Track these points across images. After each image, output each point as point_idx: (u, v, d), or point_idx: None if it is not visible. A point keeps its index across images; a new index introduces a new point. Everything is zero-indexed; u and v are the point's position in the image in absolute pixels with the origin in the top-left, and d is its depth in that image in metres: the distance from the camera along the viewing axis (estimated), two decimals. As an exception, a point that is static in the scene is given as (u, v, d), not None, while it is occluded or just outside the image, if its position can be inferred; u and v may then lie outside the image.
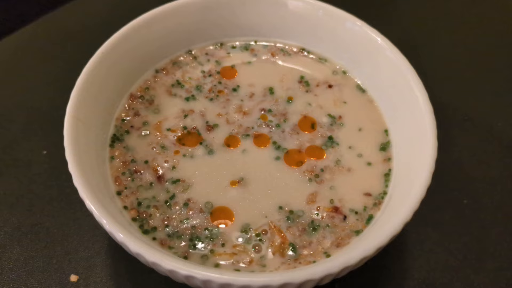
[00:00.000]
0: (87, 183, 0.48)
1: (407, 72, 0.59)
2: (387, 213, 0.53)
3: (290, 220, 0.55)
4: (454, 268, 0.62)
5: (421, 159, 0.53)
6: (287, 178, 0.58)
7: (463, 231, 0.65)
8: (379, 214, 0.55)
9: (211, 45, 0.71)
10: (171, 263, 0.44)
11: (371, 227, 0.54)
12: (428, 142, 0.53)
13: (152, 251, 0.45)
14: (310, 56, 0.71)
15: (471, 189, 0.68)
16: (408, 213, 0.48)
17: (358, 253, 0.45)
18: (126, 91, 0.65)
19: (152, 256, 0.44)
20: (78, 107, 0.54)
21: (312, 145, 0.61)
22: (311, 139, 0.62)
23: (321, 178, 0.58)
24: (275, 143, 0.61)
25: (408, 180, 0.53)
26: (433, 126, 0.54)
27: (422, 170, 0.51)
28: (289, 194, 0.57)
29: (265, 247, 0.53)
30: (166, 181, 0.58)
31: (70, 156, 0.50)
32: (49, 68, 0.82)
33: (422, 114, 0.56)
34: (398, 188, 0.56)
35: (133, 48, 0.63)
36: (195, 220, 0.55)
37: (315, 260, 0.52)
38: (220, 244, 0.53)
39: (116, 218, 0.48)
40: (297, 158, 0.60)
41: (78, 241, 0.63)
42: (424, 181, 0.50)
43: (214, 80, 0.68)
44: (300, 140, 0.62)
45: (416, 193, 0.49)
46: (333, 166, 0.59)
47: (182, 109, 0.64)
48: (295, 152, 0.60)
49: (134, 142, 0.61)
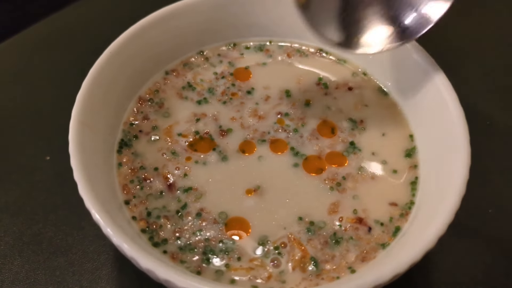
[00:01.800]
0: (93, 192, 0.45)
1: (435, 74, 0.56)
2: (416, 224, 0.50)
3: (311, 232, 0.51)
4: (481, 282, 0.58)
5: (452, 166, 0.49)
6: (306, 187, 0.55)
7: (489, 242, 0.61)
8: (406, 225, 0.52)
9: (223, 45, 0.68)
10: (185, 281, 0.40)
11: (398, 240, 0.50)
12: (461, 148, 0.49)
13: (164, 267, 0.41)
14: (329, 57, 0.67)
15: (496, 198, 0.65)
16: (443, 226, 0.44)
17: (389, 270, 0.41)
18: (134, 93, 0.62)
19: (164, 273, 0.41)
20: (84, 111, 0.51)
21: (332, 151, 0.58)
22: (332, 145, 0.58)
23: (343, 186, 0.55)
24: (293, 149, 0.58)
25: (439, 189, 0.50)
26: (465, 131, 0.51)
27: (455, 178, 0.47)
28: (309, 204, 0.53)
29: (285, 261, 0.50)
30: (177, 190, 0.54)
31: (76, 164, 0.46)
32: (54, 70, 0.79)
33: (452, 119, 0.52)
34: (427, 198, 0.52)
35: (142, 49, 0.60)
36: (209, 232, 0.51)
37: (338, 276, 0.49)
38: (236, 258, 0.50)
39: (124, 230, 0.44)
40: (317, 165, 0.56)
41: (82, 252, 0.60)
42: (458, 190, 0.46)
43: (227, 83, 0.64)
44: (319, 145, 0.58)
45: (450, 203, 0.45)
46: (355, 174, 0.56)
47: (194, 112, 0.61)
48: (314, 158, 0.57)
49: (143, 148, 0.58)
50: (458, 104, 0.53)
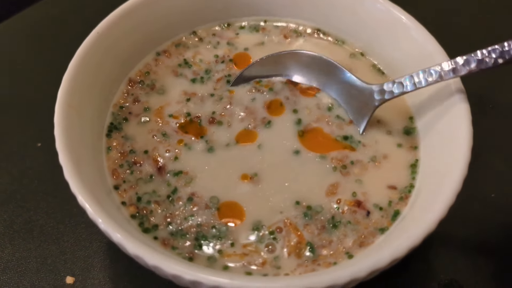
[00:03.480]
0: (80, 176, 0.43)
1: (437, 54, 0.54)
2: (416, 208, 0.48)
3: (308, 217, 0.50)
4: (482, 268, 0.57)
5: (454, 148, 0.47)
6: (309, 164, 0.53)
7: (491, 227, 0.60)
8: (406, 209, 0.50)
9: (216, 25, 0.66)
10: (174, 267, 0.39)
11: (397, 224, 0.49)
12: (462, 130, 0.48)
13: (153, 253, 0.39)
14: (327, 38, 0.65)
15: (498, 182, 0.63)
16: (443, 209, 0.43)
17: (387, 255, 0.40)
18: (124, 75, 0.60)
19: (152, 258, 0.39)
20: (71, 93, 0.49)
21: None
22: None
23: (347, 170, 0.53)
24: (295, 111, 0.57)
25: (439, 171, 0.48)
26: (467, 112, 0.49)
27: (456, 160, 0.46)
28: (308, 185, 0.52)
29: (280, 247, 0.48)
30: (167, 173, 0.52)
31: (61, 147, 0.45)
32: (43, 55, 0.77)
33: (454, 100, 0.50)
34: (427, 181, 0.50)
35: (132, 29, 0.58)
36: (201, 217, 0.50)
37: (335, 262, 0.47)
38: (229, 243, 0.48)
39: (112, 216, 0.43)
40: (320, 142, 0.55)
41: (74, 240, 0.58)
42: (460, 172, 0.45)
43: (225, 70, 0.62)
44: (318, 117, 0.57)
45: (451, 186, 0.44)
46: (362, 159, 0.54)
47: (185, 91, 0.60)
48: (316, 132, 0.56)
49: (133, 130, 0.56)
50: (461, 85, 0.51)
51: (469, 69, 0.48)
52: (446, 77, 0.49)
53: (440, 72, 0.49)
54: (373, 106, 0.54)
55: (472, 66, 0.47)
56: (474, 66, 0.47)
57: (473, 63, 0.47)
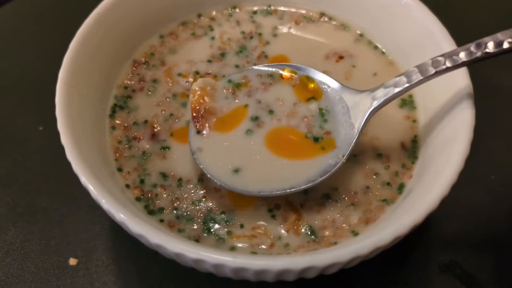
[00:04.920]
0: (82, 157, 0.43)
1: (438, 33, 0.53)
2: (420, 184, 0.48)
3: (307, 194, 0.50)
4: (482, 249, 0.57)
5: (455, 126, 0.47)
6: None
7: (491, 209, 0.60)
8: (411, 182, 0.51)
9: (224, 9, 0.65)
10: (178, 245, 0.39)
11: (404, 198, 0.49)
12: (464, 109, 0.48)
13: (156, 232, 0.39)
14: (332, 23, 0.64)
15: (498, 164, 0.63)
16: (445, 187, 0.42)
17: (390, 232, 0.40)
18: (127, 57, 0.59)
19: (155, 237, 0.39)
20: (72, 73, 0.49)
21: None
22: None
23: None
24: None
25: (442, 147, 0.48)
26: (469, 90, 0.49)
27: (458, 139, 0.46)
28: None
29: (279, 225, 0.48)
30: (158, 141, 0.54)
31: (63, 127, 0.45)
32: (44, 38, 0.77)
33: (455, 78, 0.50)
34: (430, 155, 0.50)
35: (133, 10, 0.58)
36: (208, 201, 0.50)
37: (336, 242, 0.47)
38: (238, 225, 0.48)
39: (116, 196, 0.42)
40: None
41: (77, 222, 0.58)
42: (462, 150, 0.44)
43: (259, 46, 0.62)
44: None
45: (453, 164, 0.44)
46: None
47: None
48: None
49: (140, 102, 0.57)
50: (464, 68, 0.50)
51: (473, 57, 0.46)
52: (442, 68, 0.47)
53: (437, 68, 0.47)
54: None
55: (477, 55, 0.46)
56: (479, 54, 0.46)
57: (479, 51, 0.46)
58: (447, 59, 0.46)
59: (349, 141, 0.49)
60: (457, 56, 0.46)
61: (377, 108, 0.49)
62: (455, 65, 0.46)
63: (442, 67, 0.46)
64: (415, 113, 0.56)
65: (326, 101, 0.52)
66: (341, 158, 0.49)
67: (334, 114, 0.52)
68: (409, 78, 0.48)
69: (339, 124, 0.51)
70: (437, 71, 0.47)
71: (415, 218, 0.40)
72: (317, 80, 0.53)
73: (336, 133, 0.51)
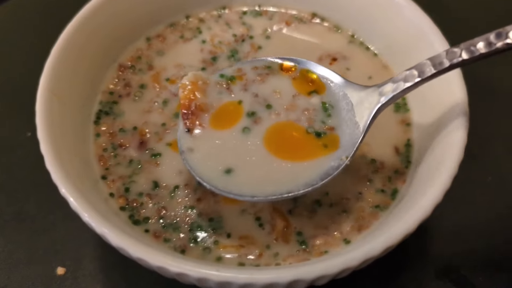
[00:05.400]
0: (62, 166, 0.42)
1: (431, 33, 0.52)
2: (414, 190, 0.46)
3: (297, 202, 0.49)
4: (478, 252, 0.56)
5: (449, 129, 0.46)
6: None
7: (488, 212, 0.59)
8: (404, 187, 0.49)
9: (213, 9, 0.63)
10: (159, 259, 0.37)
11: (397, 203, 0.48)
12: (458, 111, 0.46)
13: (137, 244, 0.38)
14: (324, 24, 0.63)
15: (495, 165, 0.62)
16: (438, 194, 0.41)
17: (381, 242, 0.39)
18: (112, 61, 0.58)
19: (136, 250, 0.38)
20: (54, 79, 0.48)
21: None
22: None
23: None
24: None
25: (436, 152, 0.47)
26: (463, 92, 0.47)
27: (452, 142, 0.44)
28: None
29: (268, 233, 0.47)
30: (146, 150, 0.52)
31: (43, 135, 0.44)
32: (34, 42, 0.75)
33: (449, 80, 0.48)
34: (423, 160, 0.49)
35: (118, 13, 0.57)
36: (193, 207, 0.48)
37: (327, 250, 0.46)
38: (225, 234, 0.47)
39: (97, 208, 0.41)
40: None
41: (65, 230, 0.57)
42: (456, 155, 0.43)
43: (249, 49, 0.60)
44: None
45: (446, 169, 0.42)
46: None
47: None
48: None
49: (127, 108, 0.55)
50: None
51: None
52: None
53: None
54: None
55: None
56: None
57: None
58: (463, 51, 0.41)
59: (354, 141, 0.45)
60: (474, 47, 0.41)
61: (385, 105, 0.45)
62: (472, 57, 0.41)
63: (457, 59, 0.41)
64: (409, 115, 0.54)
65: (329, 96, 0.48)
66: (345, 159, 0.44)
67: (338, 110, 0.47)
68: (421, 71, 0.43)
69: (343, 122, 0.46)
70: (452, 64, 0.42)
71: (407, 227, 0.39)
72: (319, 74, 0.50)
73: (340, 131, 0.46)
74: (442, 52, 0.43)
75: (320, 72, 0.50)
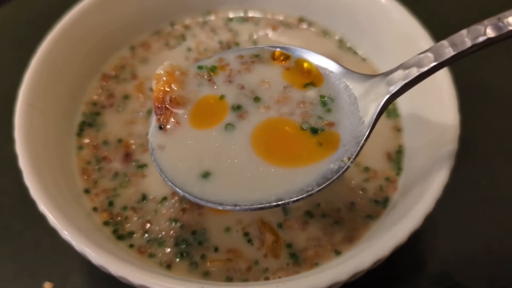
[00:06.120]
0: (41, 181, 0.42)
1: (419, 36, 0.51)
2: (405, 199, 0.45)
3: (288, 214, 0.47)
4: (473, 258, 0.55)
5: (440, 135, 0.45)
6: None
7: (481, 215, 0.57)
8: (396, 195, 0.48)
9: (198, 16, 0.62)
10: (141, 277, 0.36)
11: (388, 212, 0.47)
12: (449, 116, 0.46)
13: (118, 262, 0.37)
14: (312, 30, 0.62)
15: (488, 168, 0.61)
16: (429, 204, 0.40)
17: (370, 255, 0.37)
18: (96, 71, 0.57)
19: (118, 268, 0.37)
20: (33, 91, 0.47)
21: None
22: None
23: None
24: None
25: (427, 159, 0.46)
26: (453, 97, 0.47)
27: (442, 150, 0.43)
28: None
29: (257, 247, 0.45)
30: (133, 161, 0.51)
31: (22, 150, 0.43)
32: (16, 53, 0.74)
33: (439, 84, 0.48)
34: (414, 167, 0.48)
35: (103, 21, 0.56)
36: (179, 220, 0.47)
37: (317, 263, 0.44)
38: (212, 248, 0.45)
39: (77, 223, 0.40)
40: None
41: (52, 245, 0.56)
42: (447, 164, 0.42)
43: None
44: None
45: (437, 177, 0.42)
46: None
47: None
48: None
49: (110, 119, 0.54)
50: (445, 69, 0.48)
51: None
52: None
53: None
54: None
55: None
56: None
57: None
58: (487, 27, 0.35)
59: (358, 139, 0.39)
60: (503, 22, 0.35)
61: (395, 96, 0.39)
62: (500, 34, 0.35)
63: (482, 38, 0.35)
64: (399, 121, 0.53)
65: (328, 88, 0.42)
66: (347, 161, 0.38)
67: (339, 104, 0.41)
68: (437, 54, 0.36)
69: (345, 117, 0.40)
70: (474, 44, 0.35)
71: (397, 239, 0.38)
72: (316, 64, 0.43)
73: (341, 127, 0.40)
74: (462, 30, 0.36)
75: (317, 62, 0.44)
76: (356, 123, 0.39)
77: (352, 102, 0.40)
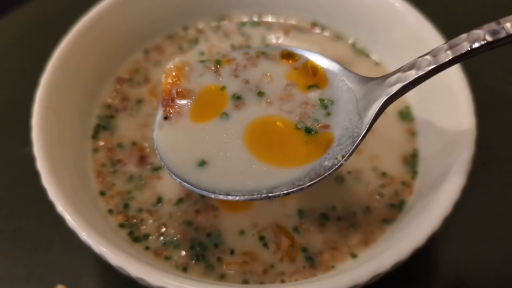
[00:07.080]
0: (59, 183, 0.42)
1: (433, 40, 0.51)
2: (421, 202, 0.45)
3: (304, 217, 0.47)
4: (487, 263, 0.54)
5: (456, 138, 0.45)
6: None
7: (494, 220, 0.57)
8: (412, 198, 0.48)
9: (211, 20, 0.63)
10: (160, 278, 0.36)
11: (404, 215, 0.47)
12: (465, 119, 0.45)
13: (137, 263, 0.37)
14: (325, 34, 0.62)
15: (501, 172, 0.60)
16: (448, 205, 0.40)
17: (390, 257, 0.37)
18: (111, 74, 0.57)
19: (137, 269, 0.37)
20: (50, 94, 0.47)
21: None
22: None
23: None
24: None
25: (443, 162, 0.45)
26: (469, 100, 0.46)
27: (459, 152, 0.43)
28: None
29: (273, 251, 0.45)
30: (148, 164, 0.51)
31: (39, 152, 0.43)
32: (31, 58, 0.74)
33: (453, 88, 0.48)
34: (430, 170, 0.48)
35: (116, 24, 0.56)
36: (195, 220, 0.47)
37: (333, 265, 0.44)
38: (228, 251, 0.45)
39: (95, 225, 0.40)
40: None
41: (64, 247, 0.56)
42: (464, 165, 0.42)
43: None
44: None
45: (455, 179, 0.41)
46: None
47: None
48: None
49: (124, 123, 0.54)
50: (461, 72, 0.48)
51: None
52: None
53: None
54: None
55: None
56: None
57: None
58: (486, 34, 0.35)
59: (354, 138, 0.39)
60: (500, 26, 0.35)
61: (392, 98, 0.39)
62: (498, 38, 0.35)
63: (480, 42, 0.35)
64: (414, 124, 0.53)
65: (331, 90, 0.43)
66: (341, 159, 0.39)
67: (339, 106, 0.42)
68: (435, 57, 0.37)
69: (344, 118, 0.41)
70: (473, 48, 0.35)
71: (417, 241, 0.38)
72: (322, 66, 0.45)
73: (338, 129, 0.41)
74: (462, 34, 0.36)
75: (323, 64, 0.45)
76: (354, 123, 0.40)
77: (352, 103, 0.42)
